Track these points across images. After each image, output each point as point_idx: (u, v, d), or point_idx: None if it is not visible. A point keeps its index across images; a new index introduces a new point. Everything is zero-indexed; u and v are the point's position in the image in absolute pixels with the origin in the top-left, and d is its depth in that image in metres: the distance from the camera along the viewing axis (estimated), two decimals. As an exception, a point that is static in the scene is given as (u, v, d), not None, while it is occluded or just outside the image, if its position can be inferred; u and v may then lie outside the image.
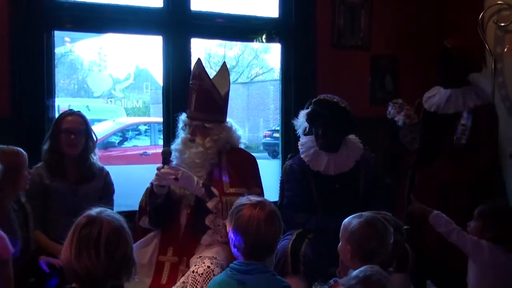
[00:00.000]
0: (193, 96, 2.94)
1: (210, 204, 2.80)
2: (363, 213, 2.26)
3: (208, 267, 2.59)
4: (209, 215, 2.81)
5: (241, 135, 3.11)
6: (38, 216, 2.85)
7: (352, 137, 3.18)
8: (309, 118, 3.08)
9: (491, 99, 3.13)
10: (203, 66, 2.93)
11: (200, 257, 2.71)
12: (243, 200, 2.22)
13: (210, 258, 2.67)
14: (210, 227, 2.81)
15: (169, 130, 3.63)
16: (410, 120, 3.07)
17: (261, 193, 3.01)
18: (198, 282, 2.55)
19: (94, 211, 1.79)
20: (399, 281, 2.66)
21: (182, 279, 2.63)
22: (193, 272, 2.59)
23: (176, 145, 3.03)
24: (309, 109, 3.11)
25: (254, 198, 2.22)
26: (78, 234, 1.73)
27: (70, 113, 3.09)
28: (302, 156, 3.11)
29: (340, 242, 2.25)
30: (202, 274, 2.56)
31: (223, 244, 2.80)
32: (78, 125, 3.04)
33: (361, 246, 2.15)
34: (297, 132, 3.34)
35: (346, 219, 2.26)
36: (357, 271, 1.88)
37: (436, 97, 3.24)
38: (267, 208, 2.16)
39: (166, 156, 2.82)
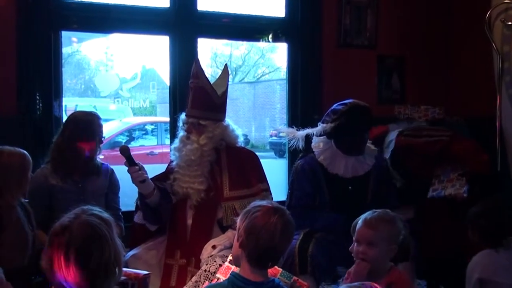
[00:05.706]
0: (191, 95, 2.98)
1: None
2: (378, 211, 2.26)
3: (220, 265, 2.59)
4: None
5: (239, 134, 3.11)
6: (41, 217, 2.84)
7: None
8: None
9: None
10: (200, 65, 2.96)
11: (211, 256, 2.74)
12: (263, 202, 2.10)
13: (221, 257, 2.68)
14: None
15: (175, 130, 3.61)
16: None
17: (267, 188, 3.02)
18: (211, 280, 2.55)
19: (68, 216, 1.69)
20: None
21: (194, 279, 2.64)
22: (205, 271, 2.61)
23: (175, 143, 3.06)
24: (342, 119, 3.01)
25: (275, 203, 2.11)
26: (50, 243, 1.66)
27: (93, 118, 3.09)
28: (319, 159, 3.09)
29: (373, 248, 2.19)
30: (214, 272, 2.57)
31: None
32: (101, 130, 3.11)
33: (404, 244, 2.18)
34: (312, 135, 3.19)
35: (366, 221, 2.22)
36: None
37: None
38: (286, 216, 2.03)
39: (124, 154, 2.85)
